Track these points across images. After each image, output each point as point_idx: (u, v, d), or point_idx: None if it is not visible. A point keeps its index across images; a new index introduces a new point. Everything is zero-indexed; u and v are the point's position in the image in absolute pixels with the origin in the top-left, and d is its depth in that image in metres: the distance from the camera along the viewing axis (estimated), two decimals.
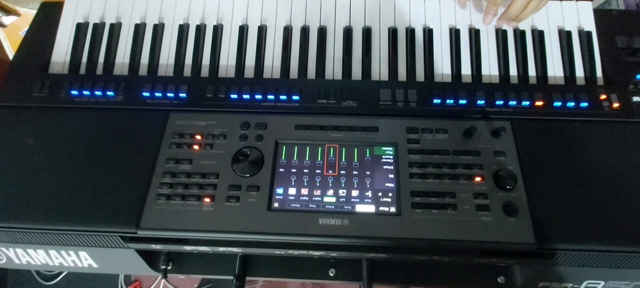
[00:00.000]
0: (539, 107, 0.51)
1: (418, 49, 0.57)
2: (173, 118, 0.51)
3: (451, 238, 0.43)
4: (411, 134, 0.49)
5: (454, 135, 0.49)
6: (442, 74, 0.56)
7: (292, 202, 0.45)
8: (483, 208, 0.44)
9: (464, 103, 0.52)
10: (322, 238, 0.43)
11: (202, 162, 0.48)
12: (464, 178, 0.46)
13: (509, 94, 0.52)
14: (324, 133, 0.49)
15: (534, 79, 0.55)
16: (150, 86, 0.54)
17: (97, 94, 0.54)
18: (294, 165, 0.48)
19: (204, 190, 0.46)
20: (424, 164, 0.47)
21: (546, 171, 0.46)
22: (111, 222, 0.44)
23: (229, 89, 0.53)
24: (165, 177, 0.47)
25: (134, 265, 0.51)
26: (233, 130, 0.50)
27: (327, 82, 0.55)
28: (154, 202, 0.45)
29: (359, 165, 0.48)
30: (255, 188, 0.46)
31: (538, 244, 0.42)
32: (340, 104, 0.52)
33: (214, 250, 0.47)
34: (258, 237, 0.44)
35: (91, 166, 0.48)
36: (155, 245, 0.46)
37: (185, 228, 0.44)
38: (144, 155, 0.48)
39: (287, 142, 0.49)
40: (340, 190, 0.46)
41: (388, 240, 0.43)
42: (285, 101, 0.53)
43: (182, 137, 0.50)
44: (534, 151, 0.48)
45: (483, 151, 0.48)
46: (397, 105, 0.52)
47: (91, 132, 0.51)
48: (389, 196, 0.45)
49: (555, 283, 0.49)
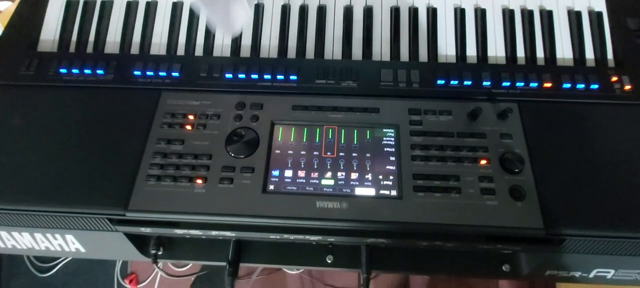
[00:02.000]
0: (547, 89, 0.49)
1: (421, 29, 0.55)
2: (165, 97, 0.49)
3: (455, 223, 0.41)
4: (413, 115, 0.47)
5: (459, 117, 0.47)
6: (446, 55, 0.54)
7: (288, 185, 0.43)
8: (488, 192, 0.42)
9: (469, 84, 0.50)
10: (320, 222, 0.41)
11: (195, 143, 0.46)
12: (469, 161, 0.44)
13: (516, 75, 0.50)
14: (322, 114, 0.47)
15: (541, 61, 0.53)
16: (141, 64, 0.52)
17: (87, 72, 0.52)
18: (291, 146, 0.46)
19: (196, 171, 0.44)
20: (427, 146, 0.45)
21: (554, 154, 0.44)
22: (98, 204, 0.43)
23: (224, 68, 0.51)
24: (156, 157, 0.45)
25: (124, 250, 0.49)
26: (227, 110, 0.48)
27: (326, 61, 0.53)
28: (143, 184, 0.43)
29: (358, 147, 0.46)
30: (249, 170, 0.44)
31: (546, 230, 0.40)
32: (340, 84, 0.50)
33: (207, 235, 0.45)
34: (252, 221, 0.42)
35: (79, 146, 0.46)
36: (145, 229, 0.44)
37: (176, 211, 0.42)
38: (134, 135, 0.46)
39: (284, 123, 0.47)
40: (339, 173, 0.44)
41: (388, 224, 0.41)
42: (282, 81, 0.51)
43: (174, 116, 0.48)
44: (542, 134, 0.46)
45: (489, 133, 0.46)
46: (398, 86, 0.50)
47: (79, 111, 0.49)
48: (389, 179, 0.43)
49: (563, 271, 0.47)
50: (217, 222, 0.43)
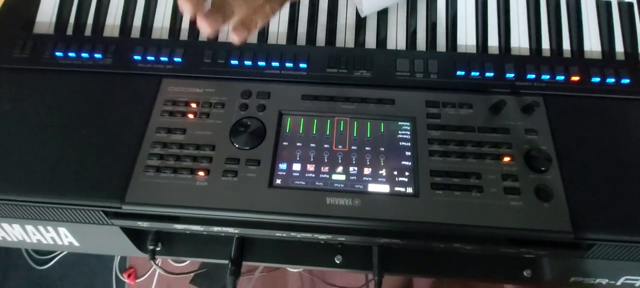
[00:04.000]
0: (575, 83, 0.46)
1: (440, 16, 0.52)
2: (166, 84, 0.46)
3: (475, 224, 0.38)
4: (431, 108, 0.44)
5: (480, 110, 0.44)
6: (466, 45, 0.50)
7: (296, 179, 0.40)
8: (513, 191, 0.39)
9: (491, 76, 0.46)
10: (330, 220, 0.39)
11: (197, 133, 0.43)
12: (491, 158, 0.41)
13: (541, 67, 0.47)
14: (333, 104, 0.45)
15: (568, 53, 0.50)
16: (142, 49, 0.49)
17: (84, 56, 0.49)
18: (300, 138, 0.43)
19: (198, 163, 0.41)
20: (446, 141, 0.42)
21: (583, 152, 0.42)
22: (93, 195, 0.40)
23: (230, 54, 0.48)
24: (155, 147, 0.42)
25: (120, 245, 0.46)
26: (232, 99, 0.45)
27: (338, 49, 0.50)
28: (141, 175, 0.41)
29: (372, 141, 0.43)
30: (255, 163, 0.41)
31: (575, 233, 0.37)
32: (353, 73, 0.47)
33: (208, 230, 0.42)
34: (257, 217, 0.39)
35: (74, 134, 0.43)
36: (142, 223, 0.42)
37: (175, 204, 0.39)
38: (133, 124, 0.44)
39: (292, 113, 0.44)
40: (351, 168, 0.41)
41: (404, 223, 0.38)
42: (292, 69, 0.48)
43: (175, 104, 0.45)
44: (570, 130, 0.43)
45: (512, 128, 0.43)
46: (415, 77, 0.47)
47: (75, 97, 0.46)
48: (405, 175, 0.41)
49: (589, 278, 0.44)
50: (219, 217, 0.40)
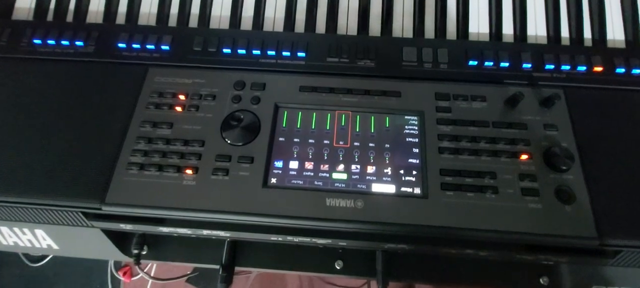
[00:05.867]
0: (598, 74, 0.42)
1: (450, 2, 0.48)
2: (152, 74, 0.43)
3: (490, 229, 0.35)
4: (441, 101, 0.40)
5: (495, 103, 0.40)
6: (478, 33, 0.47)
7: (293, 178, 0.37)
8: (531, 192, 0.36)
9: (507, 66, 0.43)
10: (330, 223, 0.35)
11: (185, 127, 0.39)
12: (507, 156, 0.37)
13: (561, 57, 0.43)
14: (334, 96, 0.41)
15: (589, 42, 0.46)
16: (127, 36, 0.45)
17: (64, 43, 0.46)
18: (297, 133, 0.39)
19: (186, 160, 0.38)
20: (457, 137, 0.38)
21: (608, 149, 0.38)
22: (72, 195, 0.37)
23: (222, 42, 0.45)
24: (140, 142, 0.39)
25: (102, 248, 0.43)
26: (224, 90, 0.42)
27: (339, 37, 0.46)
28: (124, 173, 0.37)
29: (376, 136, 0.39)
30: (248, 160, 0.37)
31: (600, 239, 0.34)
32: (355, 63, 0.43)
33: (197, 234, 0.39)
34: (250, 219, 0.36)
35: (51, 128, 0.40)
36: (125, 225, 0.38)
37: (160, 205, 0.36)
38: (115, 117, 0.40)
39: (289, 106, 0.41)
40: (353, 166, 0.38)
41: (411, 228, 0.35)
42: (289, 58, 0.44)
43: (162, 96, 0.41)
44: (593, 125, 0.39)
45: (530, 124, 0.39)
46: (423, 67, 0.43)
47: (54, 87, 0.43)
48: (412, 174, 0.37)
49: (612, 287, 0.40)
50: (209, 220, 0.36)
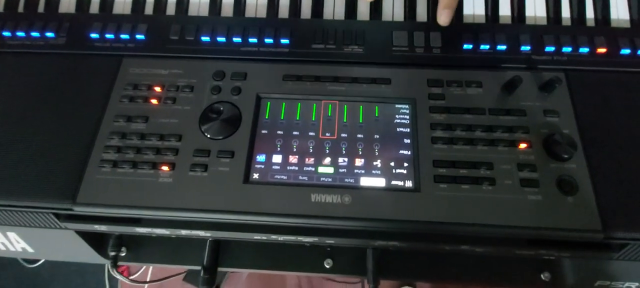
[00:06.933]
0: (601, 56, 0.40)
1: None
2: (127, 65, 0.40)
3: (486, 223, 0.32)
4: (434, 87, 0.38)
5: (491, 89, 0.38)
6: (473, 14, 0.44)
7: (276, 173, 0.35)
8: (530, 183, 0.33)
9: (504, 49, 0.40)
10: (315, 221, 0.33)
11: (161, 120, 0.37)
12: (505, 145, 0.35)
13: (562, 38, 0.40)
14: (320, 85, 0.39)
15: (592, 22, 0.43)
16: (100, 26, 0.43)
17: (34, 35, 0.43)
18: (281, 125, 0.37)
19: (162, 155, 0.35)
20: (451, 126, 0.36)
21: (613, 136, 0.36)
22: (42, 195, 0.35)
23: (200, 30, 0.42)
24: (113, 138, 0.36)
25: (78, 250, 0.41)
26: (203, 81, 0.39)
27: (325, 22, 0.43)
28: (96, 170, 0.35)
29: (365, 127, 0.37)
30: (228, 154, 0.35)
31: (605, 232, 0.32)
32: (342, 49, 0.41)
33: (175, 234, 0.37)
34: (231, 217, 0.33)
35: (20, 124, 0.38)
36: (99, 226, 0.36)
37: (135, 205, 0.34)
38: (88, 111, 0.38)
39: (272, 97, 0.38)
40: (341, 159, 0.35)
41: (402, 223, 0.33)
42: (272, 45, 0.41)
43: (137, 88, 0.39)
44: (597, 111, 0.37)
45: (529, 110, 0.36)
46: (415, 52, 0.41)
47: (24, 81, 0.41)
48: (404, 166, 0.35)
49: (617, 282, 0.38)
50: (187, 219, 0.34)
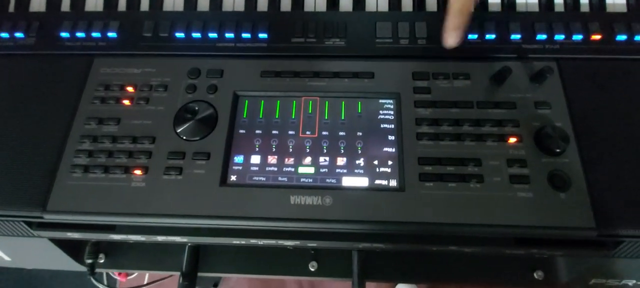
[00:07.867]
0: (596, 42, 0.38)
1: None
2: (98, 64, 0.39)
3: (475, 223, 0.31)
4: (419, 80, 0.36)
5: (479, 81, 0.36)
6: None
7: (254, 175, 0.33)
8: (520, 180, 0.32)
9: (493, 38, 0.38)
10: (296, 224, 0.32)
11: (134, 122, 0.36)
12: (494, 140, 0.33)
13: (554, 25, 0.38)
14: (300, 81, 0.37)
15: (586, 7, 0.41)
16: (70, 24, 0.41)
17: (3, 36, 0.41)
18: (259, 124, 0.35)
19: (135, 159, 0.34)
20: (437, 121, 0.34)
21: (608, 129, 0.34)
22: (11, 203, 0.33)
23: (174, 26, 0.40)
24: (84, 142, 0.35)
25: (55, 258, 0.40)
26: (177, 80, 0.37)
27: (306, 14, 0.42)
28: (67, 176, 0.34)
29: (347, 124, 0.35)
30: (204, 156, 0.34)
31: (599, 229, 0.30)
32: (323, 42, 0.39)
33: (151, 240, 0.35)
34: (207, 222, 0.32)
35: None
36: (72, 233, 0.35)
37: (107, 211, 0.32)
38: (58, 115, 0.37)
39: (250, 94, 0.37)
40: (322, 158, 0.34)
41: (386, 225, 0.31)
42: (249, 41, 0.40)
43: (108, 89, 0.37)
44: (591, 101, 0.35)
45: (520, 102, 0.35)
46: (399, 44, 0.39)
47: None
48: (388, 165, 0.33)
49: (613, 280, 0.37)
50: (162, 224, 0.33)
